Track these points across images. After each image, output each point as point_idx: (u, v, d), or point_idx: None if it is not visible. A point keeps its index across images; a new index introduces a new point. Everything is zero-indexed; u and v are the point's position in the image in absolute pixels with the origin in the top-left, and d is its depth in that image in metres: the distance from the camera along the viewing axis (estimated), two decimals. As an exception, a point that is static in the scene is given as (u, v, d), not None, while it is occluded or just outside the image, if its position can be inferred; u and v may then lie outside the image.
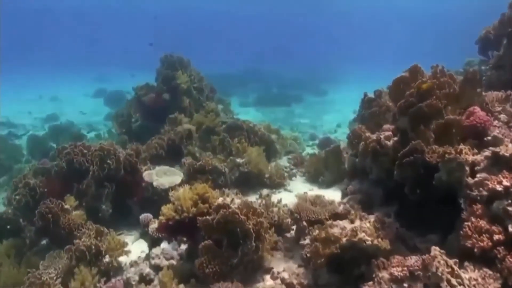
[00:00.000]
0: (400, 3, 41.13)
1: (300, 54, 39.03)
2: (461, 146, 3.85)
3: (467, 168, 3.73)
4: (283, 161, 7.98)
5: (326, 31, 46.83)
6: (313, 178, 6.89)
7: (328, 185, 6.61)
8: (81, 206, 5.90)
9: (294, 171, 7.43)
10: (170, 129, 7.24)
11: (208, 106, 8.56)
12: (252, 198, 6.27)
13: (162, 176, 6.13)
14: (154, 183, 5.85)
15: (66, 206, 5.36)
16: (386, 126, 5.08)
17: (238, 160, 6.66)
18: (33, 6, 39.93)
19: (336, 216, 4.62)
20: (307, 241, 4.25)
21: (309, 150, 10.21)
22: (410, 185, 4.03)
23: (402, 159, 3.96)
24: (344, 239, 3.65)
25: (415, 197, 4.10)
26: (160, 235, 4.49)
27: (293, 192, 6.47)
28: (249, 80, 26.68)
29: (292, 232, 4.94)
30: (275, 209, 5.07)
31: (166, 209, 4.01)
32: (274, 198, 6.05)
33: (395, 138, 4.72)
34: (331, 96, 24.90)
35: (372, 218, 4.42)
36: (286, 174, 6.87)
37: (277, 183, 6.61)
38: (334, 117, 18.05)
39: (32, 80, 29.62)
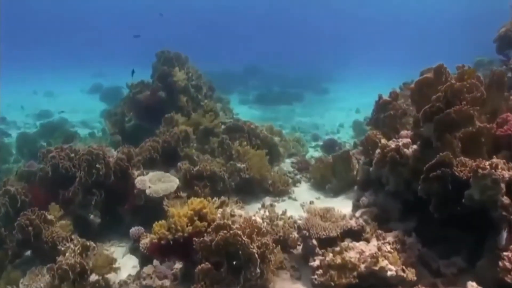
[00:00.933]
0: (402, 1, 40.64)
1: (302, 52, 38.49)
2: (496, 160, 3.36)
3: (503, 186, 3.25)
4: (286, 165, 7.50)
5: (327, 29, 46.26)
6: (319, 185, 6.40)
7: (335, 193, 6.13)
8: (68, 215, 5.41)
9: (298, 176, 6.94)
10: (165, 130, 6.74)
11: (206, 105, 8.05)
12: (254, 207, 5.79)
13: (156, 183, 5.63)
14: (147, 191, 5.35)
15: (50, 217, 4.86)
16: (404, 133, 4.60)
17: (239, 165, 6.17)
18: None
19: (349, 233, 4.14)
20: (317, 262, 3.76)
21: (312, 152, 9.73)
22: (436, 202, 3.55)
23: (428, 172, 3.48)
24: (362, 267, 3.17)
25: (441, 215, 3.62)
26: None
27: (298, 201, 5.98)
28: (250, 78, 26.16)
29: (299, 248, 4.46)
30: (280, 223, 4.59)
31: (158, 227, 3.51)
32: (278, 207, 5.58)
33: (415, 146, 4.23)
34: (332, 94, 24.42)
35: (390, 236, 3.94)
36: (290, 181, 6.39)
37: (281, 191, 6.12)
38: (336, 116, 17.58)
39: (31, 75, 28.99)
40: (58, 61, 35.43)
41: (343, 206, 5.63)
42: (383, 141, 4.73)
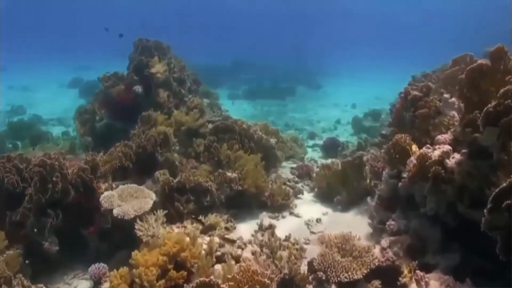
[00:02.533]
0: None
1: (293, 45, 37.30)
2: None
3: None
4: (285, 171, 6.44)
5: (319, 21, 45.10)
6: (325, 196, 5.38)
7: (345, 206, 5.11)
8: (17, 243, 4.32)
9: (300, 185, 5.90)
10: (141, 131, 5.62)
11: (191, 101, 6.93)
12: (249, 225, 4.74)
13: (127, 199, 4.53)
14: (115, 211, 4.25)
15: (-13, 249, 3.75)
16: (441, 137, 3.57)
17: (229, 173, 5.10)
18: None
19: (378, 272, 3.12)
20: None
21: (311, 153, 8.70)
22: (505, 241, 2.54)
23: (499, 199, 2.46)
24: None
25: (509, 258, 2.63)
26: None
27: (302, 217, 4.95)
28: (239, 72, 24.97)
29: (309, 288, 3.43)
30: (284, 254, 3.55)
31: (117, 280, 2.44)
32: (279, 226, 4.54)
33: (458, 156, 3.23)
34: (325, 89, 23.40)
35: (434, 280, 2.93)
36: (291, 192, 5.34)
37: (281, 205, 5.07)
38: (331, 112, 16.58)
39: (7, 68, 27.24)
40: (38, 53, 33.61)
41: (357, 225, 4.62)
42: (414, 148, 3.71)
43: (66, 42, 39.16)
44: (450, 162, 3.26)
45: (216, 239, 3.71)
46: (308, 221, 4.73)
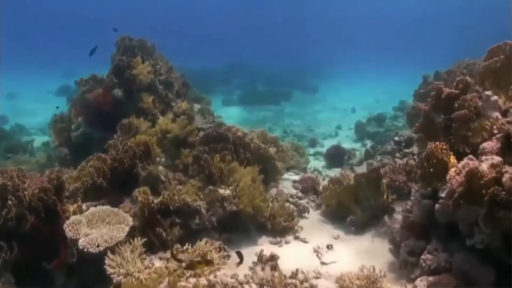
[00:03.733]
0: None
1: (287, 47, 36.67)
2: None
3: None
4: (287, 183, 5.64)
5: (313, 23, 44.55)
6: (336, 215, 4.59)
7: (359, 227, 4.33)
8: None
9: (304, 201, 5.12)
10: (118, 141, 4.83)
11: (178, 106, 6.15)
12: (246, 255, 3.93)
13: (97, 226, 3.72)
14: (80, 242, 3.44)
15: None
16: (487, 145, 2.84)
17: (222, 191, 4.31)
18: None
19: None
20: None
21: (313, 162, 7.93)
22: None
23: None
24: None
25: None
26: None
27: (310, 243, 4.16)
28: (233, 76, 24.23)
29: None
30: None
31: None
32: (282, 256, 3.75)
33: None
34: (322, 92, 22.69)
35: None
36: (295, 211, 4.56)
37: (284, 228, 4.28)
38: (330, 116, 15.86)
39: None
40: (25, 59, 32.64)
41: (376, 252, 3.84)
42: (452, 160, 2.95)
43: (54, 48, 38.21)
44: (505, 178, 2.50)
45: (202, 282, 2.92)
46: (318, 248, 3.94)
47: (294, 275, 3.16)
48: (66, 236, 3.71)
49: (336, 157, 7.51)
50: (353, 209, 4.38)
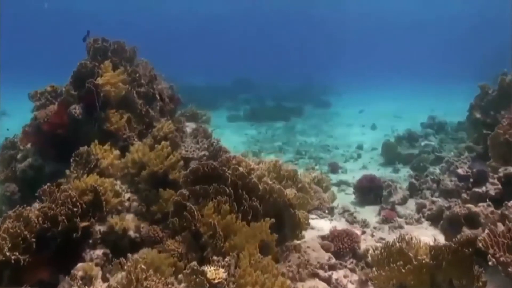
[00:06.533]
0: (403, 7, 37.98)
1: (295, 62, 35.26)
2: None
3: None
4: (311, 242, 3.89)
5: (324, 35, 43.13)
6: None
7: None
8: None
9: (341, 273, 3.36)
10: (54, 189, 3.16)
11: (159, 128, 4.47)
12: None
13: None
14: None
15: None
16: None
17: (211, 273, 2.61)
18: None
19: None
20: None
21: (338, 195, 6.17)
22: None
23: None
24: None
25: None
26: None
27: None
28: (240, 91, 22.75)
29: None
30: None
31: None
32: None
33: None
34: (335, 108, 20.99)
35: None
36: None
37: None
38: (347, 134, 14.13)
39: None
40: (19, 74, 31.43)
41: None
42: None
43: (51, 61, 37.16)
44: None
45: None
46: None
47: None
48: None
49: (370, 191, 5.77)
50: (429, 301, 2.63)
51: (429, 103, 18.68)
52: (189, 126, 6.19)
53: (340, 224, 4.79)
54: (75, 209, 2.88)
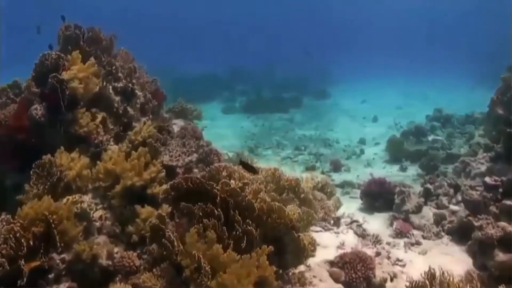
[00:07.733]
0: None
1: (293, 50, 34.27)
2: None
3: None
4: (317, 268, 3.28)
5: (323, 22, 42.03)
6: None
7: None
8: None
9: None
10: (27, 197, 2.54)
11: (136, 131, 3.80)
12: None
13: None
14: None
15: None
16: None
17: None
18: None
19: None
20: None
21: (342, 198, 5.56)
22: None
23: None
24: None
25: None
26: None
27: None
28: (236, 81, 21.96)
29: None
30: None
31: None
32: None
33: None
34: (335, 99, 20.28)
35: None
36: None
37: None
38: (348, 127, 13.49)
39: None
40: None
41: None
42: None
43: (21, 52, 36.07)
44: None
45: None
46: None
47: None
48: None
49: (379, 197, 5.16)
50: None
51: (432, 95, 18.11)
52: (177, 124, 5.57)
53: (348, 238, 4.21)
54: (20, 247, 2.24)
